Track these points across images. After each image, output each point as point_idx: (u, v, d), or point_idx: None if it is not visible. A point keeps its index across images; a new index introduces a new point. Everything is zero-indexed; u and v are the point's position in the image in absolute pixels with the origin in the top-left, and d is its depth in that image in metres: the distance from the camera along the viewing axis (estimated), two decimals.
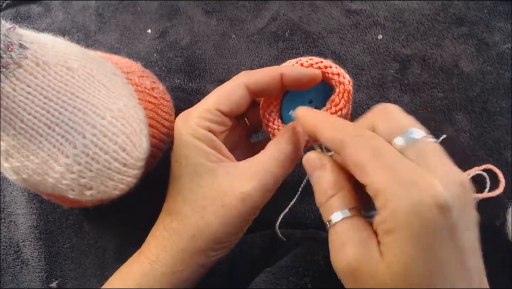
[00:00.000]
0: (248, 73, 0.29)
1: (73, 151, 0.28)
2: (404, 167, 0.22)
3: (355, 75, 0.41)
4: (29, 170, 0.29)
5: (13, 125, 0.27)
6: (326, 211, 0.25)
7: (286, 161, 0.28)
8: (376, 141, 0.23)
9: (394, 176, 0.21)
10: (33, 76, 0.26)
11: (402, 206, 0.21)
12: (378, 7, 0.42)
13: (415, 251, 0.21)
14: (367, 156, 0.22)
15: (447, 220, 0.21)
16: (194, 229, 0.28)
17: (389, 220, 0.21)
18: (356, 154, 0.23)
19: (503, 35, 0.40)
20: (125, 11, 0.46)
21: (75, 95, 0.28)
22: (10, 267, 0.40)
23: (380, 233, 0.22)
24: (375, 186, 0.22)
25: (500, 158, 0.37)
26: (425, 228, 0.21)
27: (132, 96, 0.32)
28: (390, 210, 0.21)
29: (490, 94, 0.39)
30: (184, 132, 0.28)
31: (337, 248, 0.23)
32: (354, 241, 0.23)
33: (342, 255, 0.23)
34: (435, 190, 0.21)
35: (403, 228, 0.21)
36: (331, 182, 0.25)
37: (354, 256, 0.22)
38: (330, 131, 0.25)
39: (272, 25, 0.43)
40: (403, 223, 0.21)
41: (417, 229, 0.21)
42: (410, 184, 0.21)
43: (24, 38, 0.26)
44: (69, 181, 0.28)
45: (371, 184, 0.22)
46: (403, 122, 0.24)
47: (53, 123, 0.27)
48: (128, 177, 0.30)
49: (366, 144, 0.23)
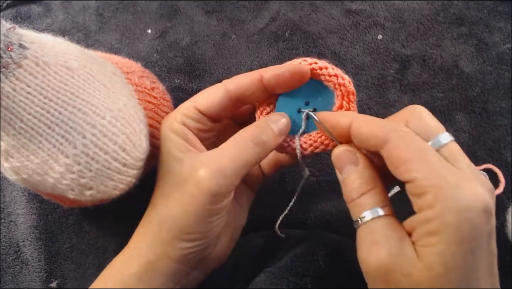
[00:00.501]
0: (231, 78, 0.30)
1: (73, 151, 0.28)
2: (449, 169, 0.22)
3: (355, 75, 0.41)
4: (29, 169, 0.29)
5: (13, 125, 0.27)
6: (357, 208, 0.24)
7: (247, 144, 0.27)
8: (419, 140, 0.23)
9: (443, 176, 0.21)
10: (33, 76, 0.26)
11: (453, 207, 0.21)
12: (378, 7, 0.42)
13: (459, 253, 0.21)
14: (413, 152, 0.22)
15: (489, 225, 0.21)
16: (159, 216, 0.28)
17: (436, 219, 0.21)
18: (402, 149, 0.23)
19: (503, 35, 0.40)
20: (125, 11, 0.46)
21: (75, 95, 0.28)
22: (10, 267, 0.40)
23: (420, 232, 0.22)
24: (422, 183, 0.22)
25: (500, 158, 0.37)
26: (473, 232, 0.21)
27: (132, 96, 0.32)
28: (439, 210, 0.21)
29: (490, 94, 0.39)
30: (163, 126, 0.30)
31: (369, 247, 0.23)
32: (389, 239, 0.23)
33: (375, 254, 0.23)
34: (483, 195, 0.21)
35: (451, 230, 0.21)
36: (365, 178, 0.25)
37: (389, 254, 0.22)
38: (369, 126, 0.24)
39: (272, 25, 0.43)
40: (452, 225, 0.21)
41: (465, 232, 0.21)
42: (459, 186, 0.21)
43: (24, 38, 0.26)
44: (69, 181, 0.28)
45: (417, 181, 0.22)
46: (433, 126, 0.25)
47: (53, 123, 0.27)
48: (128, 177, 0.30)
49: (411, 141, 0.23)
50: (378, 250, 0.23)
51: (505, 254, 0.35)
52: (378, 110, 0.40)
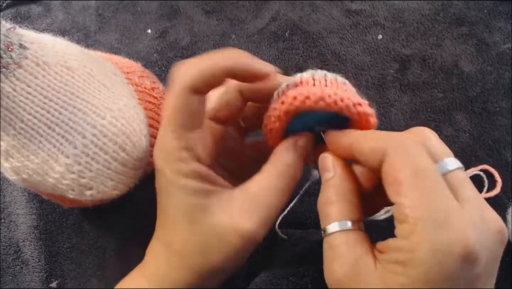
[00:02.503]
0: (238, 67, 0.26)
1: (73, 151, 0.28)
2: (445, 202, 0.20)
3: (355, 75, 0.41)
4: (29, 170, 0.29)
5: (13, 125, 0.27)
6: (324, 217, 0.24)
7: (286, 189, 0.25)
8: (421, 159, 0.21)
9: (431, 210, 0.20)
10: (33, 76, 0.26)
11: (428, 246, 0.19)
12: (378, 7, 0.42)
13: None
14: (407, 174, 0.20)
15: (470, 271, 0.19)
16: (192, 265, 0.26)
17: (407, 252, 0.20)
18: (396, 168, 0.21)
19: (503, 35, 0.40)
20: (125, 11, 0.46)
21: (75, 95, 0.28)
22: (10, 267, 0.40)
23: (390, 257, 0.21)
24: (405, 211, 0.20)
25: (500, 158, 0.37)
26: (444, 277, 0.19)
27: (132, 96, 0.32)
28: (413, 244, 0.19)
29: (490, 94, 0.39)
30: (168, 171, 0.25)
31: (329, 261, 0.23)
32: (347, 258, 0.22)
33: (333, 270, 0.22)
34: (466, 238, 0.19)
35: (418, 268, 0.19)
36: (336, 188, 0.24)
37: (345, 273, 0.21)
38: (371, 141, 0.23)
39: (272, 25, 0.43)
40: (421, 264, 0.19)
41: (433, 275, 0.19)
42: (445, 224, 0.19)
43: (24, 38, 0.26)
44: (69, 181, 0.28)
45: (402, 207, 0.20)
46: (439, 150, 0.23)
47: (53, 123, 0.27)
48: (128, 177, 0.30)
49: (409, 160, 0.21)
50: (336, 267, 0.22)
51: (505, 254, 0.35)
52: (378, 110, 0.40)
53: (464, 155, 0.38)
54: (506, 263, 0.35)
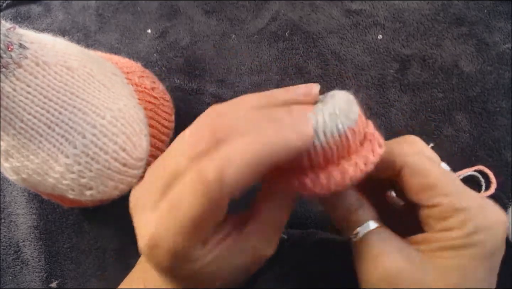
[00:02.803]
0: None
1: (73, 151, 0.28)
2: (470, 191, 0.23)
3: (355, 75, 0.41)
4: (29, 169, 0.29)
5: (13, 125, 0.27)
6: (352, 223, 0.25)
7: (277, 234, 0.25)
8: (436, 165, 0.24)
9: (470, 199, 0.23)
10: (33, 76, 0.26)
11: (481, 226, 0.22)
12: (378, 7, 0.42)
13: (480, 269, 0.22)
14: (437, 177, 0.23)
15: (504, 244, 0.23)
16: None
17: (463, 238, 0.22)
18: (423, 175, 0.23)
19: (503, 35, 0.40)
20: (125, 11, 0.46)
21: (75, 95, 0.28)
22: (10, 267, 0.40)
23: (440, 246, 0.22)
24: (454, 206, 0.22)
25: (500, 158, 0.37)
26: (497, 249, 0.22)
27: (132, 96, 0.32)
28: (468, 230, 0.22)
29: (490, 94, 0.39)
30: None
31: (371, 259, 0.23)
32: (392, 249, 0.23)
33: (379, 265, 0.23)
34: (502, 215, 0.23)
35: (477, 247, 0.22)
36: (355, 195, 0.25)
37: (398, 265, 0.23)
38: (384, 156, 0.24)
39: (272, 25, 0.43)
40: (479, 243, 0.22)
41: (488, 250, 0.22)
42: (485, 207, 0.23)
43: (24, 38, 0.26)
44: (69, 181, 0.28)
45: (443, 205, 0.22)
46: (434, 156, 0.25)
47: (53, 123, 0.27)
48: (128, 177, 0.30)
49: (430, 167, 0.23)
50: (382, 261, 0.23)
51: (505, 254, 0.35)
52: (378, 110, 0.40)
53: (464, 155, 0.38)
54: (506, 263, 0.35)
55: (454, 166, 0.37)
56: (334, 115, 0.22)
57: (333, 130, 0.22)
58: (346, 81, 0.41)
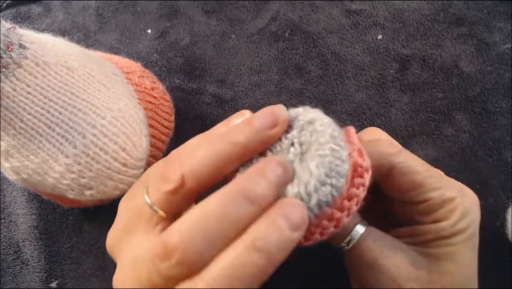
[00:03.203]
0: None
1: (73, 151, 0.28)
2: (445, 176, 0.25)
3: (355, 75, 0.41)
4: (29, 169, 0.29)
5: (13, 125, 0.27)
6: (341, 233, 0.24)
7: None
8: (416, 158, 0.25)
9: (452, 185, 0.24)
10: (33, 76, 0.26)
11: (466, 210, 0.23)
12: (378, 7, 0.42)
13: (470, 251, 0.23)
14: (424, 171, 0.24)
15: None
16: None
17: (451, 227, 0.23)
18: (411, 173, 0.23)
19: (503, 35, 0.40)
20: (125, 11, 0.46)
21: (75, 95, 0.28)
22: (10, 267, 0.40)
23: (430, 238, 0.23)
24: (442, 198, 0.23)
25: (500, 158, 0.37)
26: (477, 228, 0.24)
27: (132, 96, 0.32)
28: (456, 217, 0.23)
29: (490, 94, 0.39)
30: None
31: (371, 263, 0.23)
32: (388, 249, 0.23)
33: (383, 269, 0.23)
34: (473, 194, 0.24)
35: (465, 231, 0.23)
36: None
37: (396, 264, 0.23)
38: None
39: (272, 25, 0.43)
40: (465, 227, 0.23)
41: (473, 230, 0.23)
42: (463, 191, 0.24)
43: (24, 38, 0.26)
44: (69, 181, 0.28)
45: (438, 197, 0.23)
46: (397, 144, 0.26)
47: (53, 123, 0.27)
48: (128, 177, 0.30)
49: (415, 163, 0.24)
50: (382, 263, 0.23)
51: (505, 254, 0.35)
52: (378, 110, 0.40)
53: (464, 155, 0.38)
54: (506, 263, 0.35)
55: (454, 166, 0.37)
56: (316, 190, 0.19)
57: (321, 204, 0.20)
58: (346, 81, 0.41)
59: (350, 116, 0.40)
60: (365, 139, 0.26)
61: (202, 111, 0.41)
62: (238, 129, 0.20)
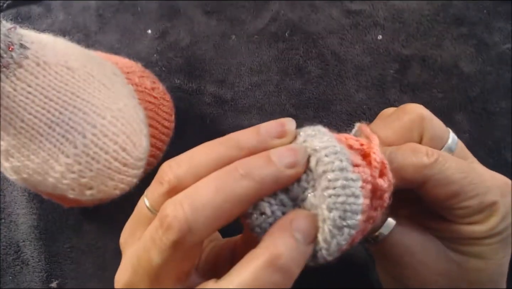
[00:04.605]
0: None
1: (73, 151, 0.28)
2: (486, 176, 0.23)
3: (355, 76, 0.41)
4: (29, 169, 0.29)
5: (14, 125, 0.27)
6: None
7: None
8: (455, 160, 0.23)
9: (494, 187, 0.23)
10: (34, 76, 0.26)
11: (504, 213, 0.22)
12: (378, 8, 0.42)
13: (501, 249, 0.23)
14: (462, 180, 0.22)
15: None
16: None
17: (488, 230, 0.22)
18: (447, 184, 0.22)
19: (503, 36, 0.40)
20: (125, 11, 0.46)
21: (75, 95, 0.28)
22: (10, 267, 0.40)
23: (462, 237, 0.23)
24: (482, 205, 0.22)
25: (500, 158, 0.37)
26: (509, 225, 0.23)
27: (132, 96, 0.32)
28: (494, 222, 0.22)
29: (490, 94, 0.39)
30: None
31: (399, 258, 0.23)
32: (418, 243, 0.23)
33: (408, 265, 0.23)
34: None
35: (499, 234, 0.22)
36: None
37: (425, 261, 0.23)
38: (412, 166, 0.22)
39: (272, 25, 0.43)
40: (501, 230, 0.22)
41: (508, 230, 0.23)
42: (504, 192, 0.23)
43: (24, 38, 0.26)
44: (69, 181, 0.29)
45: (477, 205, 0.22)
46: (443, 129, 0.25)
47: (53, 123, 0.27)
48: (128, 177, 0.30)
49: (452, 172, 0.22)
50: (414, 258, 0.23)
51: None
52: (378, 110, 0.40)
53: None
54: None
55: None
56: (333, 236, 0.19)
57: (340, 246, 0.19)
58: (346, 81, 0.41)
59: (350, 116, 0.40)
60: (405, 120, 0.24)
61: (202, 111, 0.41)
62: (240, 134, 0.20)
